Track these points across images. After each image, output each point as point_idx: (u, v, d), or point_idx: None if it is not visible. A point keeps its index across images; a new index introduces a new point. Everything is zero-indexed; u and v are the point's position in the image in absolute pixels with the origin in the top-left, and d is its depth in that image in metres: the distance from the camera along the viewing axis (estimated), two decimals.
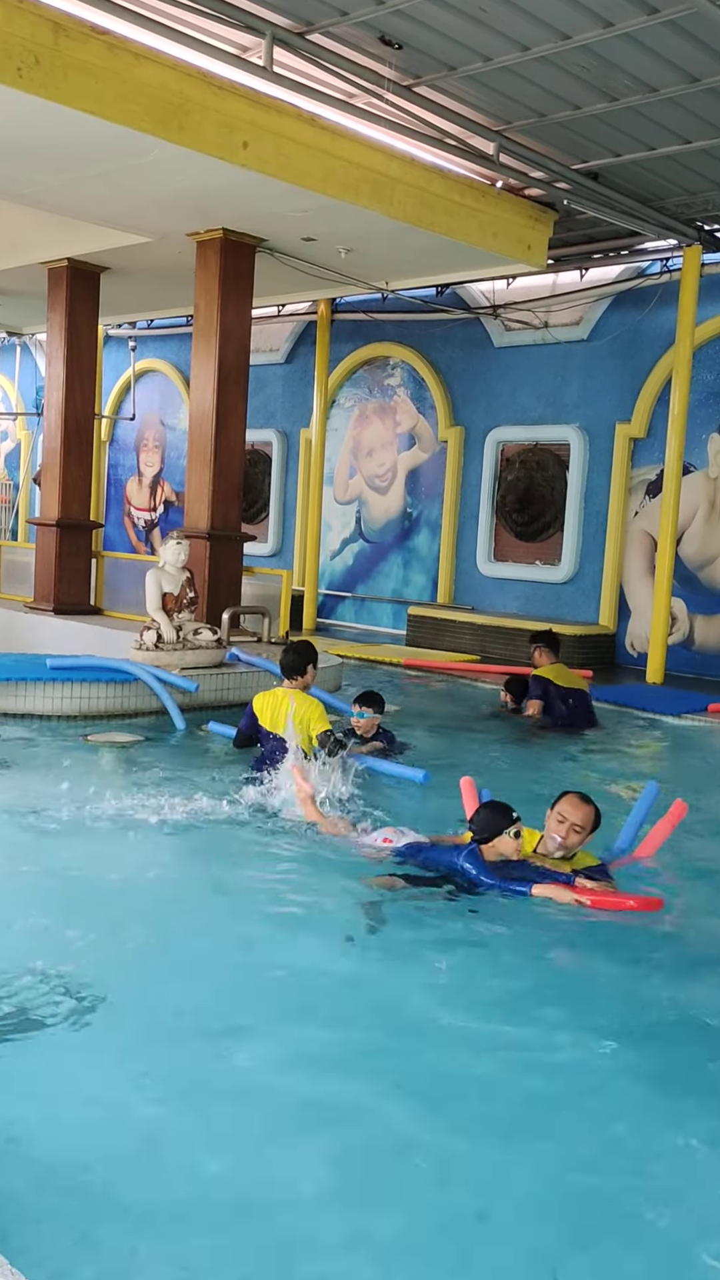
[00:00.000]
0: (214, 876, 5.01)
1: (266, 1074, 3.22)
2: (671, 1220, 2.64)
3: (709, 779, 7.80)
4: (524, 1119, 3.06)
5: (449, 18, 7.52)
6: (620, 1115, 3.11)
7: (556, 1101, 3.17)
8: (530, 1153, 2.89)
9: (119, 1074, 3.18)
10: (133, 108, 7.66)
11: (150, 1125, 2.93)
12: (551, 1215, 2.64)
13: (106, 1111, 2.96)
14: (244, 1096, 3.10)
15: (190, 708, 8.38)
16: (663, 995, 4.02)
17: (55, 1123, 2.89)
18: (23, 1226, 2.45)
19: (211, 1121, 2.97)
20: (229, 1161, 2.77)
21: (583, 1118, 3.10)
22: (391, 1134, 2.94)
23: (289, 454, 16.36)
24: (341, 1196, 2.66)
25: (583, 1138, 2.99)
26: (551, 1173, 2.81)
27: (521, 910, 4.57)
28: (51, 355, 12.23)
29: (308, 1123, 2.97)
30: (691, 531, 12.20)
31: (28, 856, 5.13)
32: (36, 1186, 2.61)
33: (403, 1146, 2.88)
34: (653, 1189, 2.75)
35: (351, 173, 9.07)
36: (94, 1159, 2.73)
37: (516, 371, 13.77)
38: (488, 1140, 2.94)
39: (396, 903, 4.64)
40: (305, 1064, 3.28)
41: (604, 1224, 2.62)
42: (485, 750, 8.16)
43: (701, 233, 11.26)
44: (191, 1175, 2.71)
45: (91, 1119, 2.93)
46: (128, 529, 18.92)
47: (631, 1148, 2.95)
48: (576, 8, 7.24)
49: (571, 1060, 3.43)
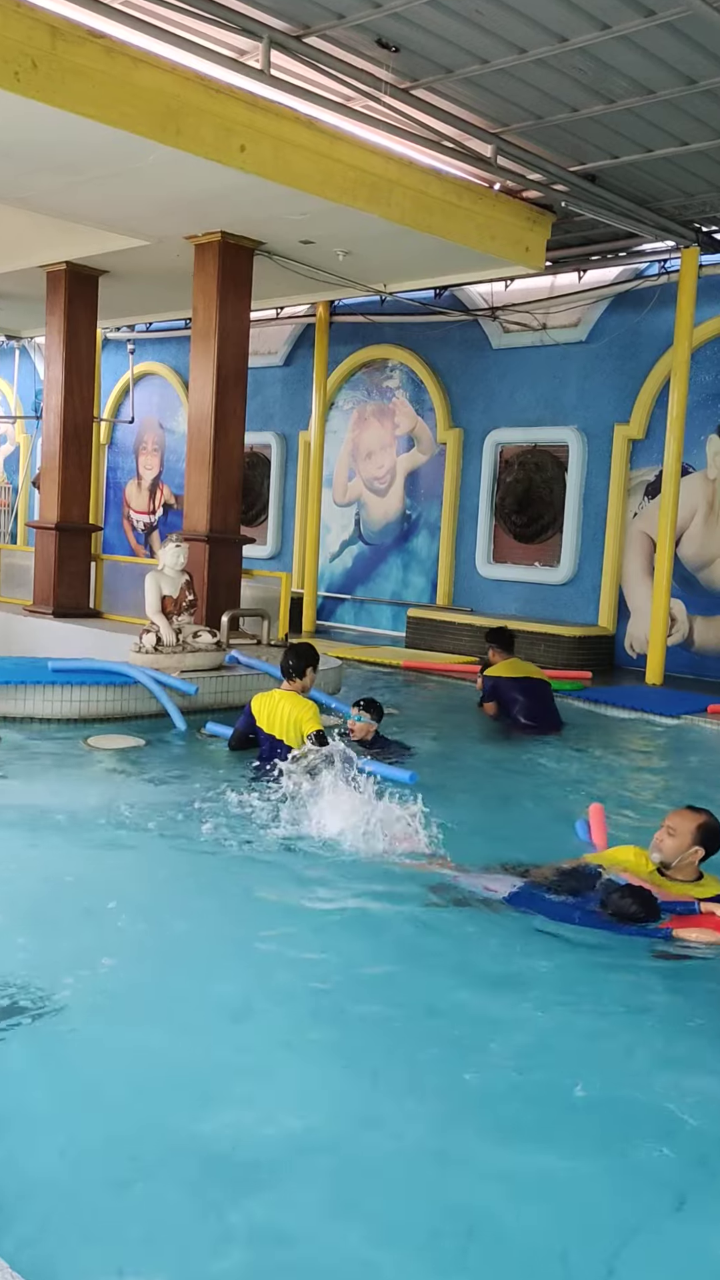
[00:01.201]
0: (216, 881, 5.01)
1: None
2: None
3: (709, 779, 7.80)
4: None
5: (446, 21, 7.53)
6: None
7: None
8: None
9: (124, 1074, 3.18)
10: (130, 111, 7.66)
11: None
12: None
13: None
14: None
15: (190, 710, 8.38)
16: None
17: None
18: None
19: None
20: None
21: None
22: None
23: (288, 456, 16.36)
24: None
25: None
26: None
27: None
28: (50, 358, 12.24)
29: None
30: (690, 533, 12.20)
31: (25, 859, 5.13)
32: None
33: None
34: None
35: (349, 175, 9.07)
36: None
37: (515, 373, 13.78)
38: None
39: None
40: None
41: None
42: (481, 755, 8.17)
43: (699, 234, 11.27)
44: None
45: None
46: (127, 532, 18.92)
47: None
48: (573, 10, 7.25)
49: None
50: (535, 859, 5.31)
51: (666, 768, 8.35)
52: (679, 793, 7.45)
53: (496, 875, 4.88)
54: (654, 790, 7.45)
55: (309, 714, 6.87)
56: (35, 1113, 2.95)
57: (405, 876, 4.99)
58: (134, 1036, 3.43)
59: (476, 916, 4.58)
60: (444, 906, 4.65)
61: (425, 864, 5.10)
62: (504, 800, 6.85)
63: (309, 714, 6.87)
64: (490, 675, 9.21)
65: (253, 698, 7.16)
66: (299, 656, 7.09)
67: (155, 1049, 3.36)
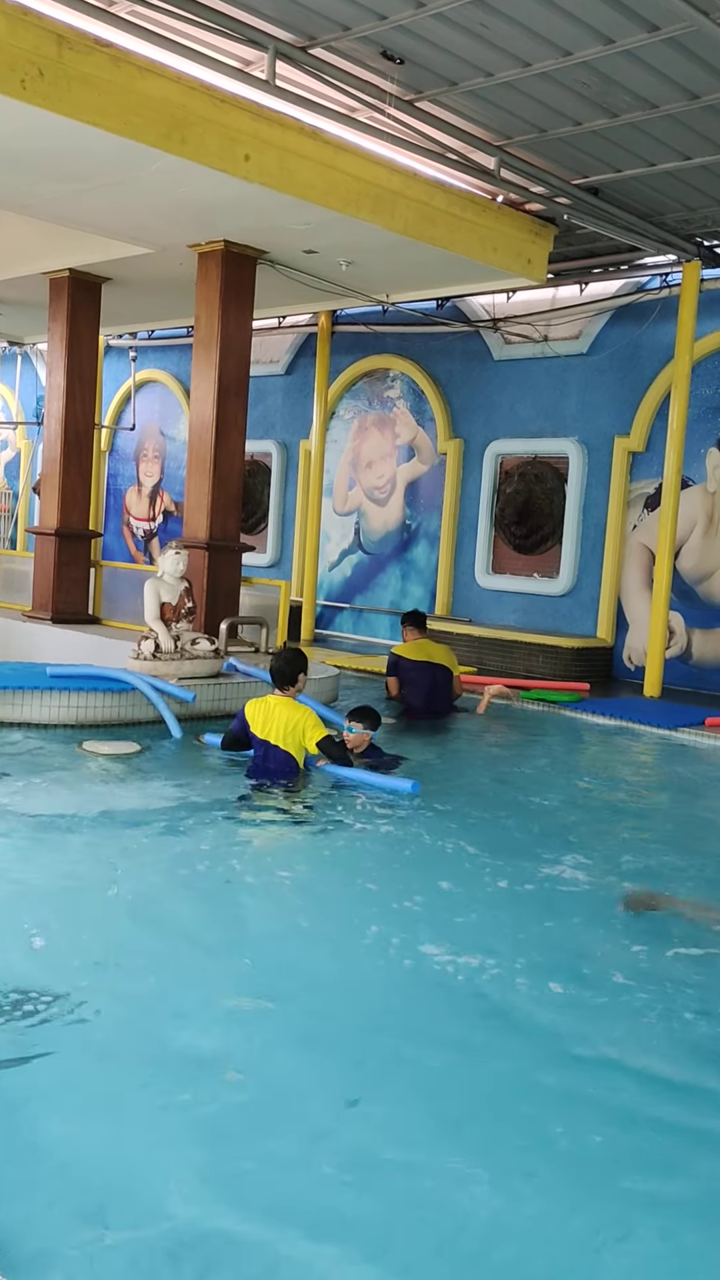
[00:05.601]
0: (211, 886, 5.01)
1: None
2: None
3: (703, 793, 7.81)
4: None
5: (451, 33, 7.57)
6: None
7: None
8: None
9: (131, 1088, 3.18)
10: (136, 120, 7.69)
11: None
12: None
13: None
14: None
15: (188, 718, 8.38)
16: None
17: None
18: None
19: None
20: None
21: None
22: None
23: (288, 465, 16.39)
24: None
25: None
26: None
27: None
28: (52, 365, 12.27)
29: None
30: (689, 545, 12.22)
31: (24, 862, 5.13)
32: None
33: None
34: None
35: (353, 186, 9.11)
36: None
37: (516, 385, 13.81)
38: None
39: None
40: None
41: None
42: (476, 759, 8.17)
43: (701, 248, 11.31)
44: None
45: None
46: (127, 538, 18.94)
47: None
48: (578, 25, 7.28)
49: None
50: (534, 862, 5.31)
51: (659, 781, 8.34)
52: (670, 805, 7.47)
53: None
54: (644, 804, 7.44)
55: (310, 721, 6.86)
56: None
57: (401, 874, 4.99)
58: (134, 1037, 3.43)
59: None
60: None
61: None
62: (495, 808, 6.84)
63: (310, 721, 6.86)
64: (394, 653, 9.79)
65: (247, 703, 7.16)
66: (289, 663, 7.08)
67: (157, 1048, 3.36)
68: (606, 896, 5.11)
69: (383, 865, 5.42)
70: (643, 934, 4.69)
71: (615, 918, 4.87)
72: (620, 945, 4.50)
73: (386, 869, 5.36)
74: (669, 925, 4.88)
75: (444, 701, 9.61)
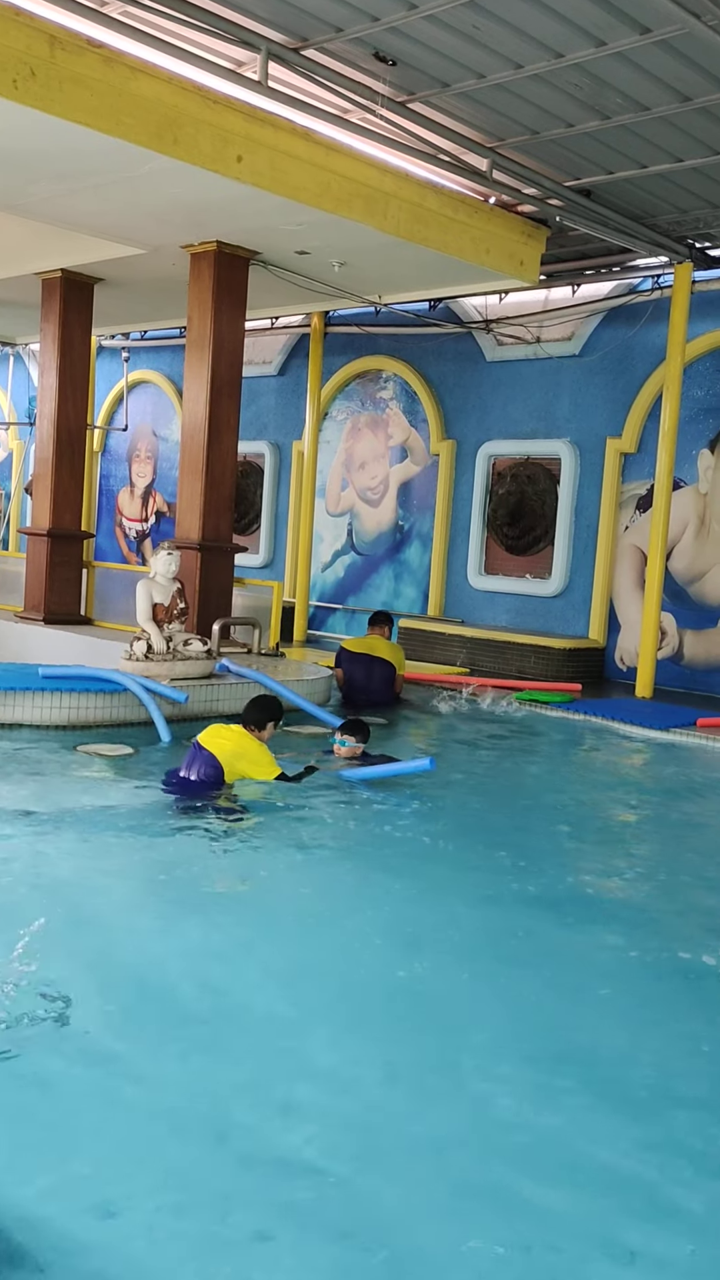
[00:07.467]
0: (202, 889, 5.01)
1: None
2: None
3: (693, 794, 7.82)
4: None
5: (443, 35, 7.57)
6: None
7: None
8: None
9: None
10: (128, 121, 7.69)
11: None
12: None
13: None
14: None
15: (180, 719, 8.37)
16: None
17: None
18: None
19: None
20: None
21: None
22: None
23: (281, 466, 16.38)
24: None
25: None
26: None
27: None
28: (44, 365, 12.26)
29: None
30: (681, 547, 12.25)
31: (21, 864, 5.12)
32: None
33: None
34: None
35: (346, 187, 9.11)
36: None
37: (508, 386, 13.82)
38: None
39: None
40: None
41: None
42: (472, 760, 8.18)
43: (693, 250, 11.33)
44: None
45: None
46: (119, 539, 18.92)
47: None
48: (570, 27, 7.30)
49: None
50: (534, 864, 5.32)
51: (649, 782, 8.35)
52: (658, 807, 7.48)
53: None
54: (632, 804, 7.45)
55: (266, 760, 6.39)
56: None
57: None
58: (132, 1039, 3.43)
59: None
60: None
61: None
62: (489, 807, 6.86)
63: (266, 760, 6.39)
64: (341, 645, 10.52)
65: (209, 728, 6.65)
66: (261, 710, 6.66)
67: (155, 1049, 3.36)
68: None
69: (378, 850, 5.48)
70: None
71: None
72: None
73: (379, 854, 5.41)
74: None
75: (380, 693, 10.12)
